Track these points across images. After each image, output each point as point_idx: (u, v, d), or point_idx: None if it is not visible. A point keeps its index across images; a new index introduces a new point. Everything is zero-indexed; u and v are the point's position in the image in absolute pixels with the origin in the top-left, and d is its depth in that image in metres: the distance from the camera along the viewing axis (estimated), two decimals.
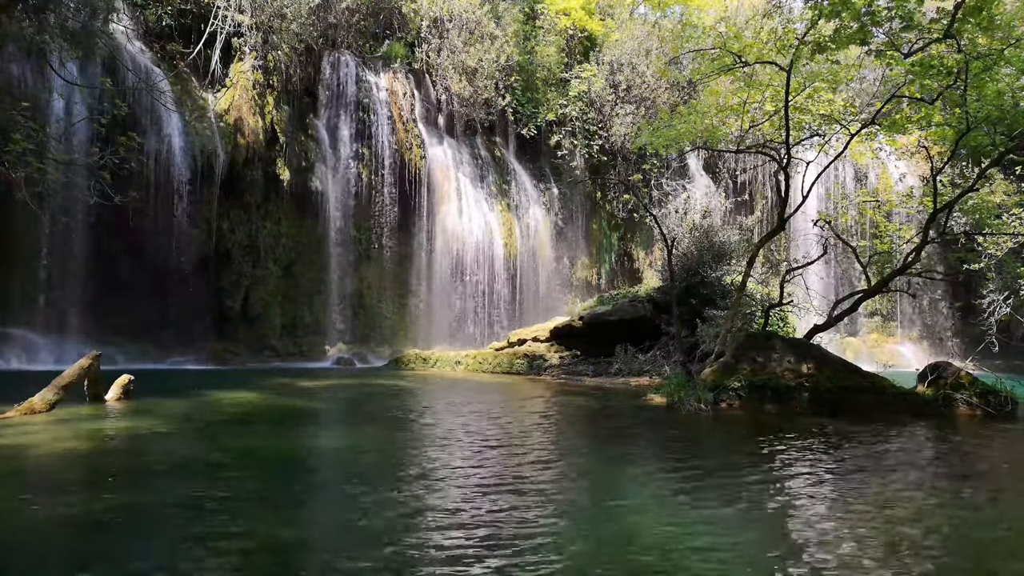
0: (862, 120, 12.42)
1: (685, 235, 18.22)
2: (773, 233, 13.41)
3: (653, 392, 11.03)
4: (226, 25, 19.62)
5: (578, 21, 27.22)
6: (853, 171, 27.77)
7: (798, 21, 12.18)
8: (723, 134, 13.84)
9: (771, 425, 8.46)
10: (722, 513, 4.41)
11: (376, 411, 9.82)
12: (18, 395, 7.91)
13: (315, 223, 21.40)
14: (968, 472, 6.16)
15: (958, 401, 9.59)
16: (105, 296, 16.97)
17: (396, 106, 23.02)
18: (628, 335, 16.51)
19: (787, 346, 10.63)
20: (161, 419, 7.84)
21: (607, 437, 7.88)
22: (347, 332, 21.57)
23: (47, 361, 15.26)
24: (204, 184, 18.72)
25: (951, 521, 4.43)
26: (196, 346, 18.34)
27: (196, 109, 19.05)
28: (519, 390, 12.90)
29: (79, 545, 3.72)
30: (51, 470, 5.38)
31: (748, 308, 14.72)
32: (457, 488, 4.94)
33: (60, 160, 14.03)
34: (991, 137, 10.60)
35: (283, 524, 4.05)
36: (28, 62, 15.75)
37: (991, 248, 16.50)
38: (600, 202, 27.78)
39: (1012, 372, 18.16)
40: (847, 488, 5.17)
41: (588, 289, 26.55)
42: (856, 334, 26.98)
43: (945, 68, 9.79)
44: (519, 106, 25.71)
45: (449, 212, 23.58)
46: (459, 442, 7.05)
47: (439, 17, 24.38)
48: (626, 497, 4.85)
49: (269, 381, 13.12)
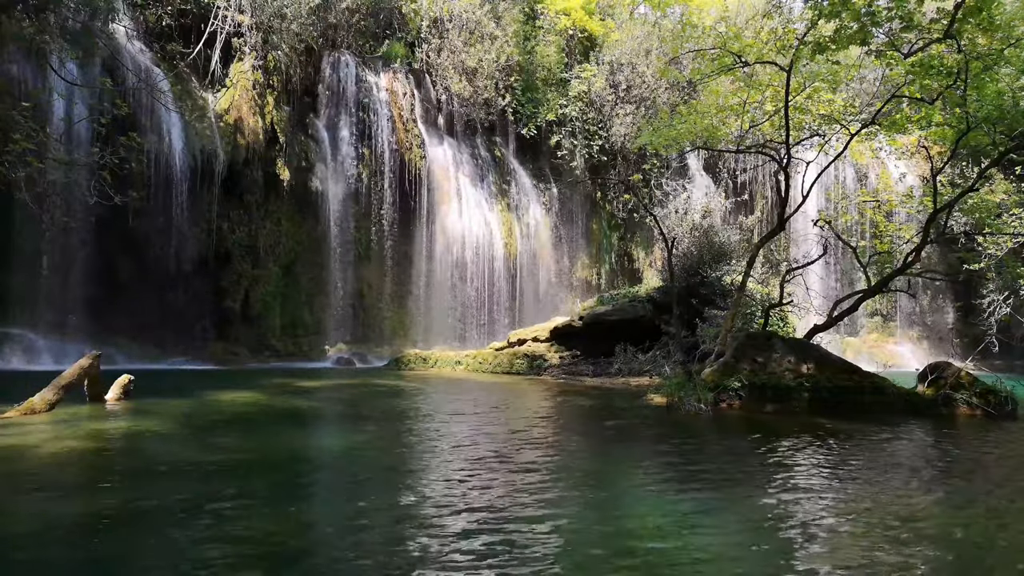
0: (862, 120, 12.42)
1: (685, 235, 18.23)
2: (773, 233, 13.41)
3: (653, 392, 11.02)
4: (226, 25, 19.61)
5: (578, 21, 27.21)
6: (853, 171, 27.75)
7: (798, 21, 12.19)
8: (723, 134, 13.84)
9: (771, 425, 8.46)
10: (722, 513, 4.41)
11: (376, 411, 9.82)
12: (18, 395, 7.90)
13: (315, 223, 21.40)
14: (967, 472, 6.16)
15: (958, 401, 9.59)
16: (105, 296, 16.96)
17: (396, 106, 23.01)
18: (628, 335, 16.50)
19: (787, 346, 10.63)
20: (161, 419, 7.84)
21: (607, 437, 7.88)
22: (347, 332, 21.57)
23: (47, 361, 15.26)
24: (204, 184, 18.71)
25: (950, 521, 4.43)
26: (196, 346, 18.35)
27: (196, 109, 19.04)
28: (519, 390, 12.90)
29: (80, 545, 3.71)
30: (51, 470, 5.37)
31: (748, 308, 14.73)
32: (457, 488, 4.94)
33: (60, 160, 14.03)
34: (991, 137, 10.60)
35: (283, 524, 4.05)
36: (28, 62, 15.74)
37: (991, 248, 16.52)
38: (600, 202, 27.77)
39: (1012, 372, 18.17)
40: (846, 487, 5.17)
41: (588, 289, 26.54)
42: (856, 334, 26.97)
43: (945, 68, 9.80)
44: (519, 106, 25.71)
45: (449, 212, 23.57)
46: (459, 442, 7.04)
47: (439, 17, 24.38)
48: (626, 496, 4.85)
49: (269, 381, 13.12)
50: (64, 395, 8.15)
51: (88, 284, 16.83)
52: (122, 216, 15.22)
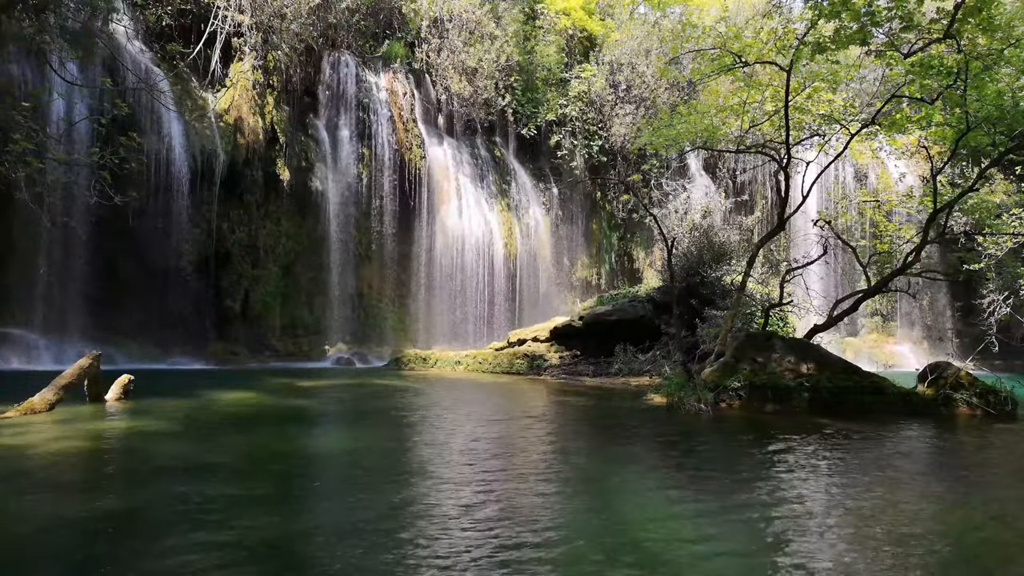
0: (862, 120, 12.42)
1: (685, 235, 18.22)
2: (773, 233, 13.41)
3: (653, 392, 11.03)
4: (226, 25, 19.62)
5: (578, 21, 27.23)
6: (853, 171, 27.74)
7: (798, 21, 12.19)
8: (723, 134, 13.84)
9: (771, 425, 8.46)
10: (721, 512, 4.41)
11: (376, 411, 9.82)
12: (18, 395, 7.91)
13: (315, 223, 21.40)
14: (967, 471, 6.16)
15: (958, 401, 9.59)
16: (105, 296, 16.97)
17: (396, 106, 23.02)
18: (628, 335, 16.50)
19: (787, 346, 10.63)
20: (161, 419, 7.84)
21: (607, 437, 7.88)
22: (347, 332, 21.57)
23: (47, 361, 15.26)
24: (204, 184, 18.72)
25: (950, 520, 4.43)
26: (196, 346, 18.35)
27: (196, 109, 19.04)
28: (519, 390, 12.90)
29: (80, 545, 3.72)
30: (51, 470, 5.37)
31: (748, 308, 14.72)
32: (457, 489, 4.94)
33: (60, 160, 14.03)
34: (991, 137, 10.60)
35: (283, 524, 4.05)
36: (28, 62, 15.75)
37: (991, 248, 16.51)
38: (600, 202, 27.78)
39: (1012, 372, 18.19)
40: (846, 487, 5.17)
41: (588, 289, 26.55)
42: (856, 334, 26.97)
43: (945, 68, 9.79)
44: (519, 106, 25.72)
45: (449, 212, 23.58)
46: (459, 442, 7.05)
47: (439, 17, 24.39)
48: (625, 496, 4.85)
49: (269, 381, 13.12)
50: (64, 395, 8.16)
51: (88, 284, 16.83)
52: (122, 216, 15.21)
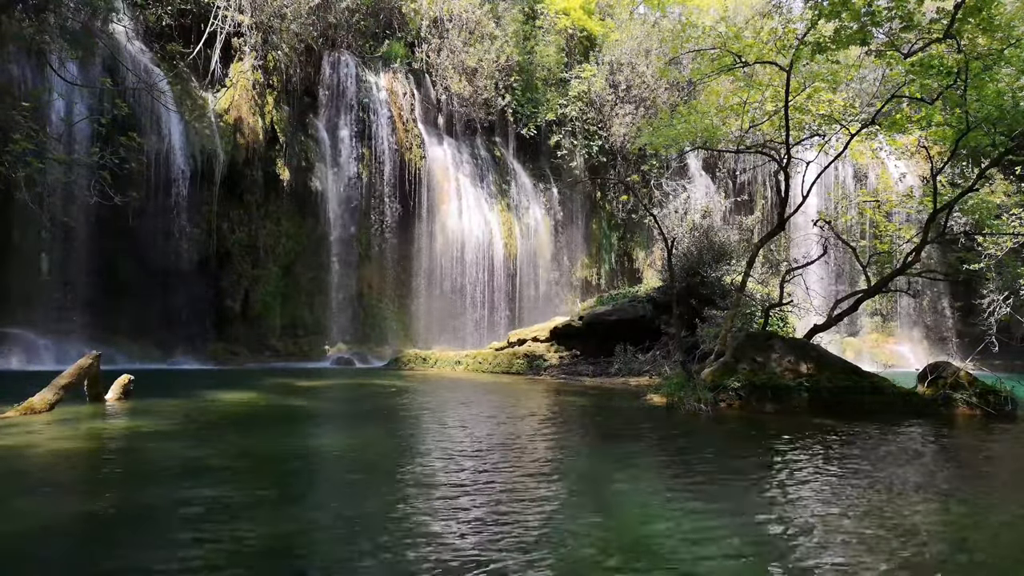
0: (862, 120, 12.41)
1: (685, 235, 18.24)
2: (773, 233, 13.41)
3: (653, 392, 11.02)
4: (226, 25, 19.62)
5: (578, 21, 27.24)
6: (853, 171, 27.76)
7: (798, 21, 12.18)
8: (723, 134, 13.84)
9: (771, 425, 8.46)
10: (721, 512, 4.41)
11: (376, 411, 9.82)
12: (18, 395, 7.90)
13: (315, 223, 21.41)
14: (966, 471, 6.16)
15: (958, 401, 9.59)
16: (105, 296, 16.97)
17: (396, 106, 23.02)
18: (628, 335, 16.51)
19: (787, 346, 10.62)
20: (161, 419, 7.84)
21: (606, 437, 7.88)
22: (347, 332, 21.58)
23: (47, 361, 15.27)
24: (204, 184, 18.73)
25: (949, 520, 4.43)
26: (196, 346, 18.36)
27: (196, 109, 19.05)
28: (519, 390, 12.90)
29: (81, 545, 3.72)
30: (50, 470, 5.37)
31: (748, 308, 14.73)
32: (457, 489, 4.94)
33: (60, 160, 14.04)
34: (991, 137, 10.59)
35: (283, 524, 4.05)
36: (28, 62, 15.75)
37: (991, 248, 16.52)
38: (600, 202, 27.79)
39: (1012, 372, 18.20)
40: (846, 487, 5.17)
41: (588, 289, 26.57)
42: (856, 334, 26.98)
43: (945, 68, 9.79)
44: (519, 106, 25.73)
45: (449, 212, 23.59)
46: (458, 442, 7.04)
47: (439, 17, 24.39)
48: (625, 496, 4.85)
49: (269, 381, 13.12)
50: (64, 395, 8.15)
51: (88, 284, 16.84)
52: (122, 216, 15.23)
